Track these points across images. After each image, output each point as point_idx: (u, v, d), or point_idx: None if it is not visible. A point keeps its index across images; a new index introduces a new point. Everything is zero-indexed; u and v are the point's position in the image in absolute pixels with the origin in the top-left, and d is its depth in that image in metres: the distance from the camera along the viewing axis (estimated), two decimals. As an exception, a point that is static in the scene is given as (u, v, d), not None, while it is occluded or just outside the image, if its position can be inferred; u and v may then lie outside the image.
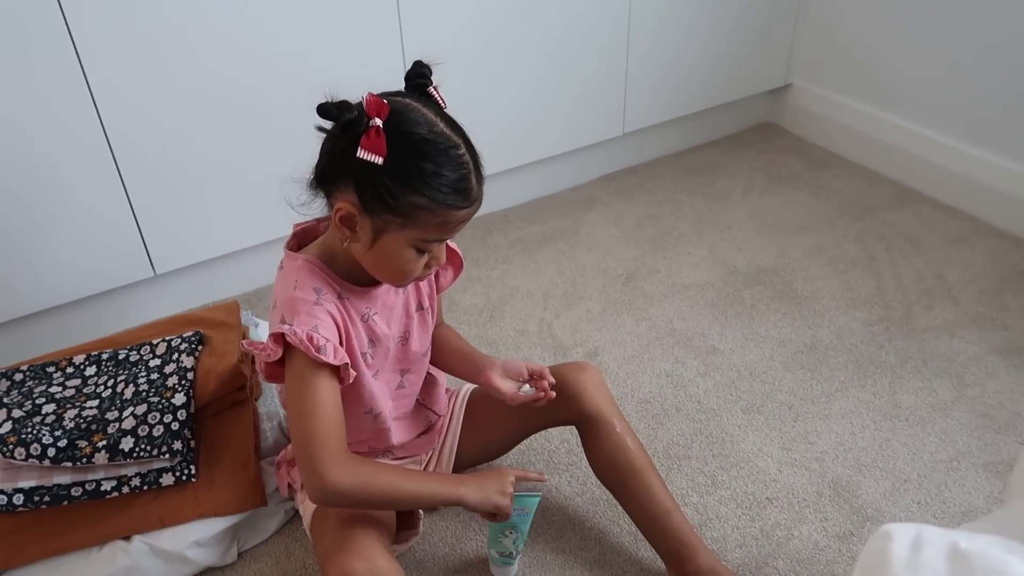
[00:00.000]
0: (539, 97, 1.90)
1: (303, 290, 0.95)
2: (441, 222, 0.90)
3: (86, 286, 1.57)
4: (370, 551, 0.95)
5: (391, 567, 0.95)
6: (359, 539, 0.97)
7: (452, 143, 0.88)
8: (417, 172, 0.86)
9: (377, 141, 0.84)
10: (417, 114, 0.88)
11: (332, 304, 0.96)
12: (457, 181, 0.88)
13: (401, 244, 0.91)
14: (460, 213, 0.90)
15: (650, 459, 1.15)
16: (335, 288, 0.98)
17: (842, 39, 2.14)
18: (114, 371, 1.31)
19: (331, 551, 0.96)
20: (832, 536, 1.22)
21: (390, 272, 0.96)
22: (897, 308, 1.66)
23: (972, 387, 1.47)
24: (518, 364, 1.10)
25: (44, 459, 1.13)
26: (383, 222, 0.90)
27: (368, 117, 0.85)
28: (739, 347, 1.59)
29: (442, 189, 0.87)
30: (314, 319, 0.93)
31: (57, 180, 1.45)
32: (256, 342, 0.97)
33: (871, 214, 1.96)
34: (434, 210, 0.88)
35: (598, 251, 1.88)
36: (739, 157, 2.24)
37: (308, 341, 0.91)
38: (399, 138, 0.86)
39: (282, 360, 0.95)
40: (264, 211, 1.48)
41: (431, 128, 0.87)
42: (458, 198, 0.89)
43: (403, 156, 0.86)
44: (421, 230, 0.90)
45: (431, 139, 0.87)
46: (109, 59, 1.40)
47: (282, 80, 1.56)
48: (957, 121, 1.92)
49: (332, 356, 0.92)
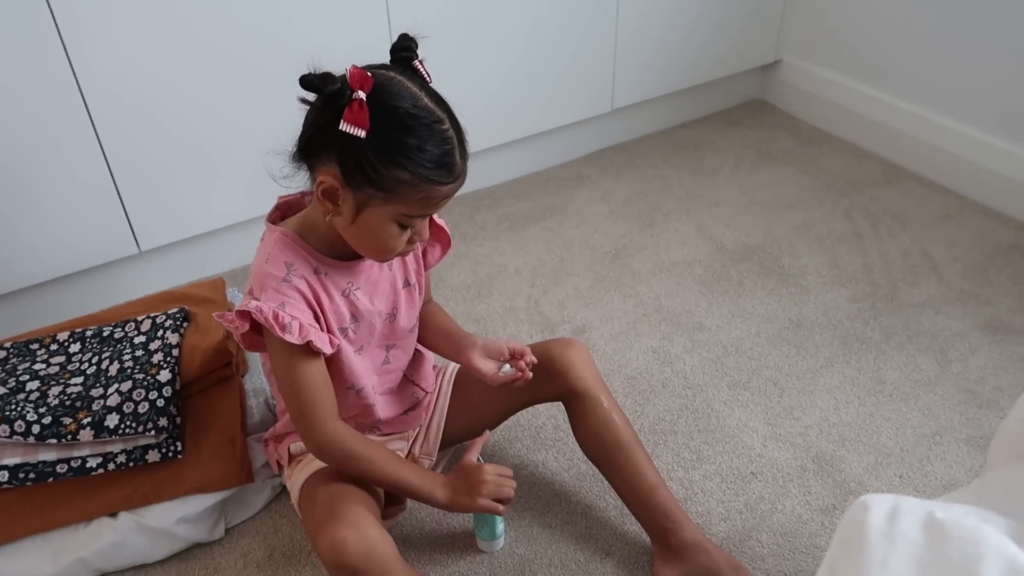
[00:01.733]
0: (527, 73, 1.89)
1: (274, 264, 0.95)
2: (424, 197, 0.89)
3: (70, 263, 1.56)
4: (361, 520, 0.96)
5: (382, 536, 0.96)
6: (350, 509, 0.98)
7: (436, 118, 0.87)
8: (400, 146, 0.86)
9: (360, 114, 0.83)
10: (401, 87, 0.87)
11: (302, 279, 0.96)
12: (441, 156, 0.87)
13: (383, 219, 0.91)
14: (443, 189, 0.90)
15: (636, 434, 1.16)
16: (310, 262, 0.97)
17: (831, 16, 2.12)
18: (99, 348, 1.30)
19: (321, 521, 0.97)
20: (815, 509, 1.24)
21: (372, 247, 0.95)
22: (883, 285, 1.67)
23: (955, 363, 1.48)
24: (499, 344, 1.10)
25: (29, 436, 1.13)
26: (365, 196, 0.89)
27: (351, 90, 0.83)
28: (726, 323, 1.59)
29: (425, 164, 0.87)
30: (281, 296, 0.93)
31: (38, 158, 1.43)
32: (227, 314, 0.97)
33: (858, 191, 1.96)
34: (417, 185, 0.88)
35: (586, 228, 1.88)
36: (728, 134, 2.24)
37: (274, 319, 0.91)
38: (383, 111, 0.85)
39: (258, 329, 0.95)
40: (250, 187, 1.47)
41: (415, 102, 0.86)
42: (441, 173, 0.88)
43: (386, 130, 0.85)
44: (404, 205, 0.90)
45: (415, 113, 0.86)
46: (89, 29, 1.37)
47: (269, 52, 1.54)
48: (945, 99, 1.92)
49: (296, 334, 0.92)
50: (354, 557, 0.92)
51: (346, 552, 0.92)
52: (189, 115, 1.53)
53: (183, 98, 1.51)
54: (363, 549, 0.93)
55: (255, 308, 0.91)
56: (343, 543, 0.93)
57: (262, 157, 0.93)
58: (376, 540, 0.95)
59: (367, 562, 0.93)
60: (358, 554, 0.93)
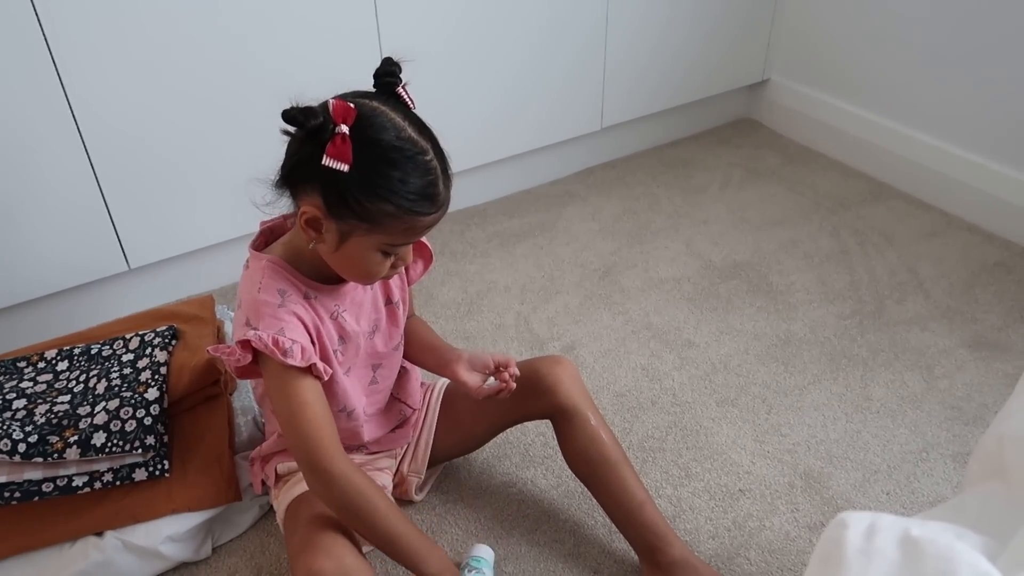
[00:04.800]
0: (518, 91, 1.90)
1: (267, 292, 0.94)
2: (408, 228, 0.90)
3: (59, 280, 1.55)
4: (339, 550, 0.95)
5: (359, 564, 0.96)
6: (327, 538, 0.97)
7: (420, 149, 0.87)
8: (384, 180, 0.86)
9: (343, 148, 0.83)
10: (384, 119, 0.87)
11: (298, 305, 0.95)
12: (424, 188, 0.87)
13: (367, 248, 0.91)
14: (427, 219, 0.90)
15: (624, 452, 1.16)
16: (300, 288, 0.97)
17: (819, 36, 2.15)
18: (86, 366, 1.30)
19: (299, 550, 0.97)
20: (803, 527, 1.24)
21: (356, 273, 0.96)
22: (870, 302, 1.68)
23: (942, 379, 1.49)
24: (484, 356, 1.11)
25: (14, 455, 1.12)
26: (349, 227, 0.89)
27: (334, 123, 0.83)
28: (714, 340, 1.60)
29: (409, 197, 0.87)
30: (279, 321, 0.93)
31: (28, 175, 1.44)
32: (223, 347, 0.96)
33: (845, 209, 1.98)
34: (401, 217, 0.88)
35: (576, 245, 1.89)
36: (716, 152, 2.26)
37: (274, 345, 0.91)
38: (366, 145, 0.85)
39: (255, 359, 0.95)
40: (239, 205, 1.47)
41: (399, 134, 0.86)
42: (425, 205, 0.88)
43: (370, 164, 0.85)
44: (387, 235, 0.90)
45: (398, 145, 0.86)
46: (80, 47, 1.38)
47: (259, 73, 1.55)
48: (931, 118, 1.95)
49: (299, 357, 0.92)
50: None
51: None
52: (178, 136, 1.54)
53: (172, 119, 1.52)
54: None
55: (255, 337, 0.91)
56: (319, 573, 0.92)
57: (248, 180, 0.93)
58: (353, 568, 0.94)
59: None
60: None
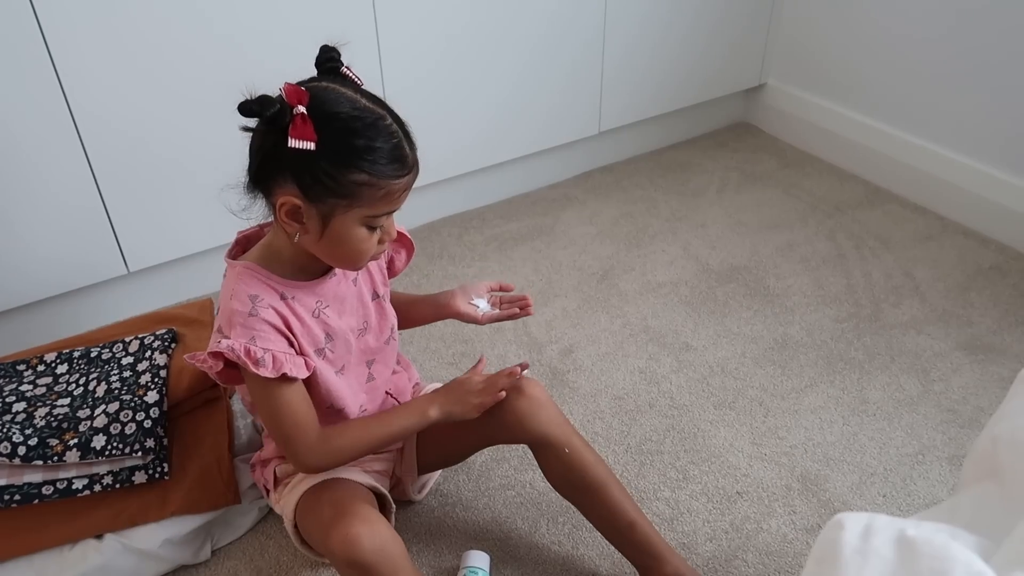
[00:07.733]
0: (516, 96, 1.91)
1: (238, 300, 0.95)
2: (385, 194, 0.91)
3: (59, 283, 1.56)
4: (374, 517, 0.98)
5: (393, 535, 0.98)
6: (361, 507, 0.99)
7: (378, 115, 0.89)
8: (352, 149, 0.87)
9: (305, 128, 0.85)
10: (336, 94, 0.89)
11: (269, 309, 0.95)
12: (392, 151, 0.89)
13: (351, 225, 0.92)
14: (401, 182, 0.91)
15: (609, 471, 1.13)
16: (276, 289, 0.97)
17: (815, 41, 2.17)
18: (86, 369, 1.31)
19: (333, 519, 0.97)
20: (800, 529, 1.24)
21: (345, 255, 0.96)
22: (866, 305, 1.69)
23: (938, 382, 1.50)
24: (478, 284, 1.16)
25: (14, 458, 1.13)
26: (329, 207, 0.90)
27: (290, 107, 0.85)
28: (711, 344, 1.61)
29: (379, 161, 0.88)
30: (250, 330, 0.94)
31: (28, 178, 1.44)
32: (198, 354, 0.97)
33: (842, 212, 1.99)
34: (375, 184, 0.89)
35: (574, 249, 1.90)
36: (714, 156, 2.27)
37: (246, 356, 0.92)
38: (325, 120, 0.86)
39: (234, 364, 0.95)
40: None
41: (354, 105, 0.88)
42: (396, 167, 0.90)
43: (334, 137, 0.87)
44: (367, 206, 0.91)
45: (356, 115, 0.88)
46: (80, 51, 1.39)
47: (259, 74, 1.55)
48: (927, 122, 1.96)
49: (270, 367, 0.93)
50: (368, 552, 0.93)
51: (360, 547, 0.93)
52: (178, 139, 1.54)
53: (171, 122, 1.52)
54: (376, 545, 0.94)
55: (226, 347, 0.92)
56: (357, 537, 0.94)
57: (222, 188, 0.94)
58: (388, 538, 0.97)
59: (380, 558, 0.94)
60: (372, 549, 0.94)
